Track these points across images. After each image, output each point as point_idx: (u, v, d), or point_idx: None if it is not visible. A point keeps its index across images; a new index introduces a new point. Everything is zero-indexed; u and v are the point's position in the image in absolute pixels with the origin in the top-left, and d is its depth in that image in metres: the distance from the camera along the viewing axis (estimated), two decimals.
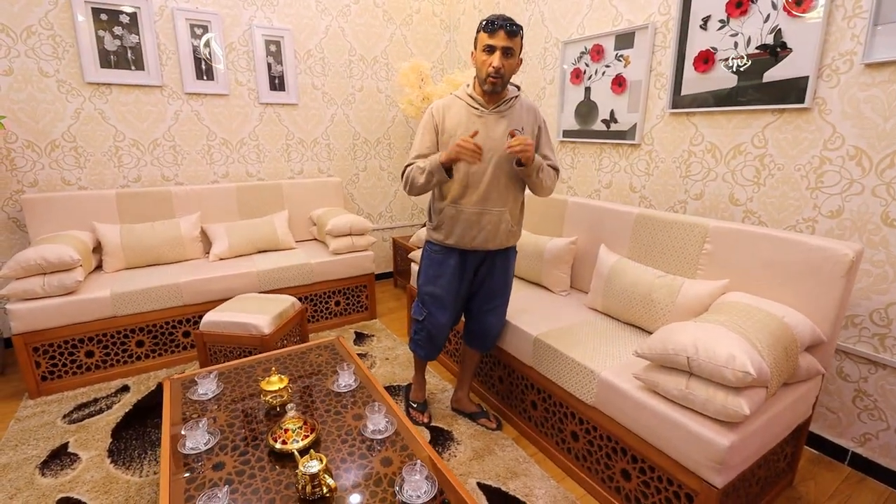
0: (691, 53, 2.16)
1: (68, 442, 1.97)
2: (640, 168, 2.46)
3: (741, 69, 1.98)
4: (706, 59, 2.10)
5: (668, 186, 2.34)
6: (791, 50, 1.83)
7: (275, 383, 1.59)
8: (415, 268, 2.79)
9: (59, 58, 2.58)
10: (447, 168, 1.63)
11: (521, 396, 2.02)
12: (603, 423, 1.60)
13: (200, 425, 1.42)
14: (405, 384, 2.37)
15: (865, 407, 1.79)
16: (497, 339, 2.03)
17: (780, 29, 1.85)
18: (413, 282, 2.81)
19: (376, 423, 1.47)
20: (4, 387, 2.41)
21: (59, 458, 1.87)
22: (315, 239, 3.39)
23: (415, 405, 2.12)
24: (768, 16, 1.88)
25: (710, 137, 2.15)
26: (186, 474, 1.30)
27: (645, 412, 1.42)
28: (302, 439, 1.38)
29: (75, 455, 1.89)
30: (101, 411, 2.18)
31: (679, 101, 2.23)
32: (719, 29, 2.05)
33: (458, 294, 1.89)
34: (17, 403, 2.25)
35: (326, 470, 1.21)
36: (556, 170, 1.80)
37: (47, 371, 2.31)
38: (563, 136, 2.89)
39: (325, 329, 3.04)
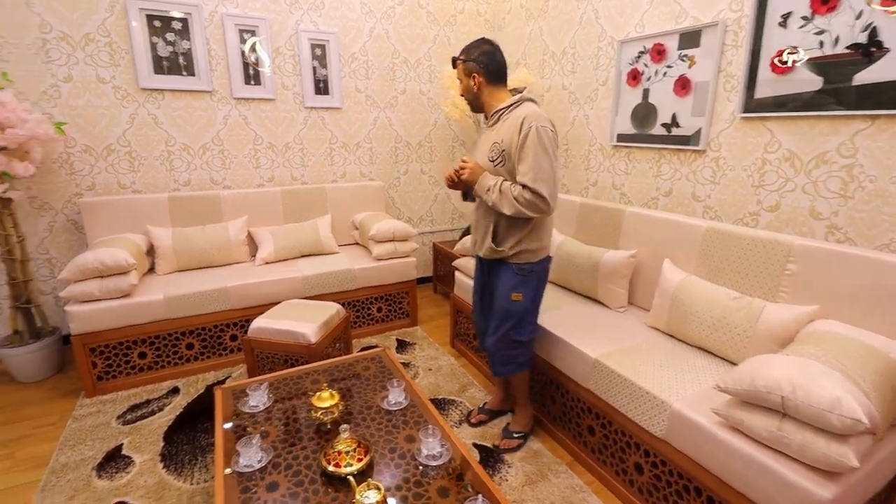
0: (768, 53, 1.98)
1: (122, 444, 2.00)
2: (705, 176, 2.30)
3: (827, 70, 1.80)
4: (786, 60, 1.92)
5: (738, 196, 2.17)
6: (888, 50, 1.64)
7: (326, 399, 1.55)
8: (458, 276, 2.72)
9: (115, 64, 2.64)
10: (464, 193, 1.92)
11: (576, 420, 1.91)
12: (673, 458, 1.48)
13: (254, 442, 1.39)
14: (450, 397, 2.31)
15: None
16: (502, 367, 1.91)
17: (874, 27, 1.66)
18: (456, 290, 2.74)
19: (431, 447, 1.41)
20: (64, 384, 2.49)
21: (115, 460, 1.91)
22: (357, 243, 3.37)
23: (479, 406, 2.21)
24: (861, 12, 1.70)
25: (788, 144, 1.97)
26: (241, 495, 1.27)
27: (726, 452, 1.30)
28: (356, 462, 1.33)
29: (129, 458, 1.92)
30: (153, 413, 2.21)
31: (752, 104, 2.06)
32: (801, 26, 1.87)
33: (480, 292, 2.01)
34: (75, 402, 2.32)
35: (383, 502, 1.16)
36: (528, 190, 1.61)
37: (103, 371, 2.37)
38: (617, 141, 2.74)
39: (367, 336, 3.01)
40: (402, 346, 2.90)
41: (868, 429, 1.07)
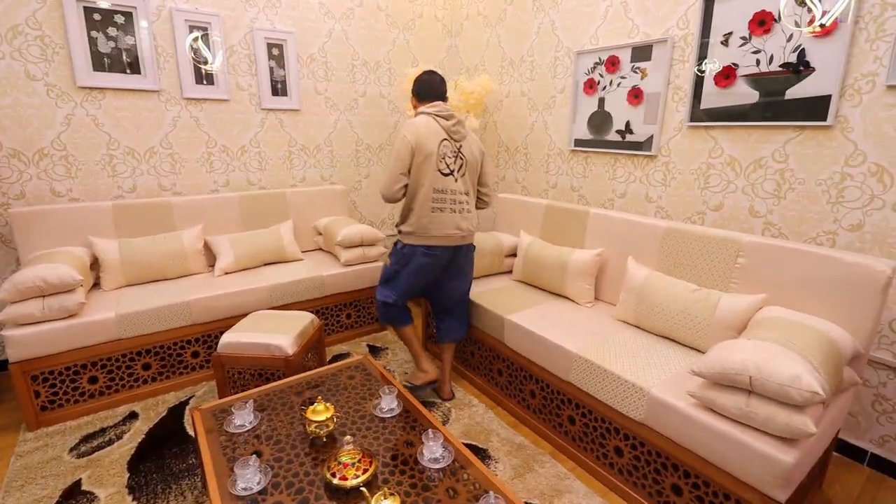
0: (712, 68, 2.20)
1: (80, 479, 1.83)
2: (657, 179, 2.51)
3: (763, 86, 2.04)
4: (727, 75, 2.15)
5: (686, 198, 2.39)
6: (814, 69, 1.90)
7: (321, 412, 1.52)
8: None
9: (48, 60, 2.39)
10: None
11: (556, 411, 2.02)
12: (651, 439, 1.62)
13: (251, 463, 1.35)
14: (430, 399, 2.34)
15: (884, 410, 1.89)
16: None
17: (803, 48, 1.91)
18: None
19: (433, 451, 1.43)
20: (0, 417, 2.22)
21: (74, 497, 1.74)
22: (321, 249, 3.29)
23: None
24: (791, 35, 1.94)
25: (729, 151, 2.21)
26: None
27: (701, 429, 1.45)
28: (362, 473, 1.33)
29: (91, 494, 1.76)
30: (111, 442, 2.04)
31: (698, 114, 2.28)
32: (741, 46, 2.10)
33: None
34: (15, 437, 2.08)
35: None
36: None
37: (47, 400, 2.14)
38: (575, 146, 2.91)
39: (337, 343, 2.95)
40: (374, 351, 2.88)
41: (823, 399, 1.24)
